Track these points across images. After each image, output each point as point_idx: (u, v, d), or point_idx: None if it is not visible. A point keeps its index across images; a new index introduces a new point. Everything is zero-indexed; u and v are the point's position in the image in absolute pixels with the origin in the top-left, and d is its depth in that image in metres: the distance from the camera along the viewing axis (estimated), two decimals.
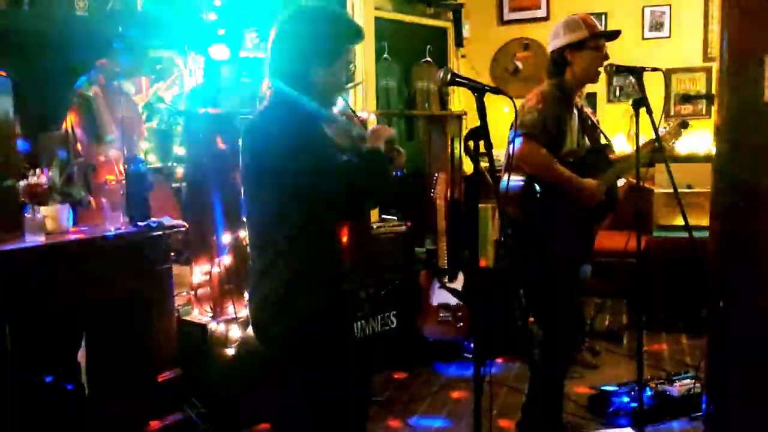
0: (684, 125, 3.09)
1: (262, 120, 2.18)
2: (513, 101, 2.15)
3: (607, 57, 2.97)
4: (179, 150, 5.36)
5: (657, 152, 2.97)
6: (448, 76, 2.13)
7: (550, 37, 3.03)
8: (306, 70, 2.12)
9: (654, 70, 2.91)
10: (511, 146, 2.87)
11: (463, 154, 5.15)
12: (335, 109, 2.37)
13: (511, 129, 2.89)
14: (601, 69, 2.98)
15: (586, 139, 3.12)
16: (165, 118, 5.62)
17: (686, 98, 3.91)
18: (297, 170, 2.02)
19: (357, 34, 2.22)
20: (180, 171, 5.04)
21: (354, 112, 2.42)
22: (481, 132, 2.06)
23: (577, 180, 2.92)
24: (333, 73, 2.15)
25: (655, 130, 2.85)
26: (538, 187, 2.92)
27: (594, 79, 3.00)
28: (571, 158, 2.96)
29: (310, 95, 2.14)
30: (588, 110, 3.23)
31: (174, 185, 4.99)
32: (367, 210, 2.90)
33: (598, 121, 3.26)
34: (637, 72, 2.87)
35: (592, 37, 2.92)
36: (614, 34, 3.01)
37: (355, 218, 2.32)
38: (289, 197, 2.08)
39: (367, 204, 2.42)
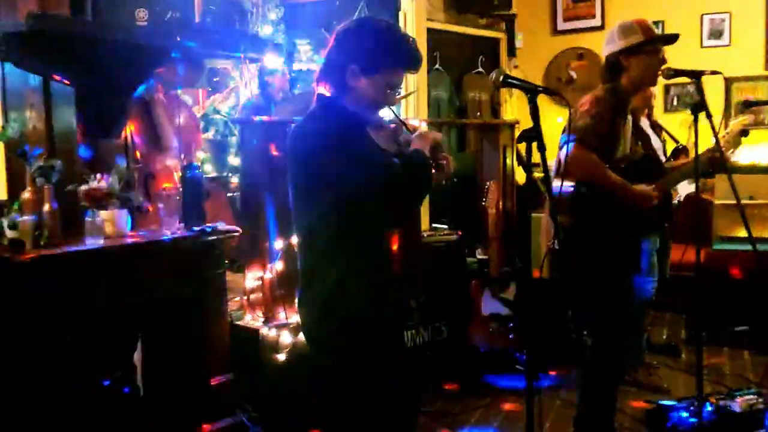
0: (744, 133, 3.00)
1: (307, 123, 2.19)
2: (567, 102, 2.12)
3: (664, 61, 2.91)
4: (234, 160, 5.48)
5: (716, 161, 2.89)
6: (501, 77, 2.12)
7: (604, 42, 2.98)
8: (343, 68, 2.11)
9: (713, 73, 2.85)
10: (563, 151, 2.83)
11: (515, 163, 5.11)
12: (385, 118, 2.38)
13: (563, 133, 2.86)
14: (660, 73, 2.92)
15: (640, 146, 3.06)
16: (221, 129, 5.75)
17: (748, 104, 3.81)
18: (338, 171, 2.03)
19: (410, 60, 2.17)
20: (235, 181, 5.15)
21: (403, 121, 2.41)
22: (534, 134, 2.05)
23: (629, 186, 2.86)
24: (372, 84, 2.12)
25: (715, 134, 2.78)
26: (587, 193, 2.87)
27: (652, 83, 2.94)
28: (623, 164, 2.91)
29: (348, 96, 2.14)
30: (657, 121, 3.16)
31: (229, 194, 5.10)
32: (410, 212, 2.87)
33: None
34: (696, 75, 2.81)
35: (648, 42, 2.86)
36: (671, 38, 2.94)
37: (398, 222, 2.32)
38: (331, 199, 2.09)
39: (409, 205, 2.38)
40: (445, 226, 4.50)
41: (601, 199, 2.87)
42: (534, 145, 2.09)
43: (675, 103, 6.17)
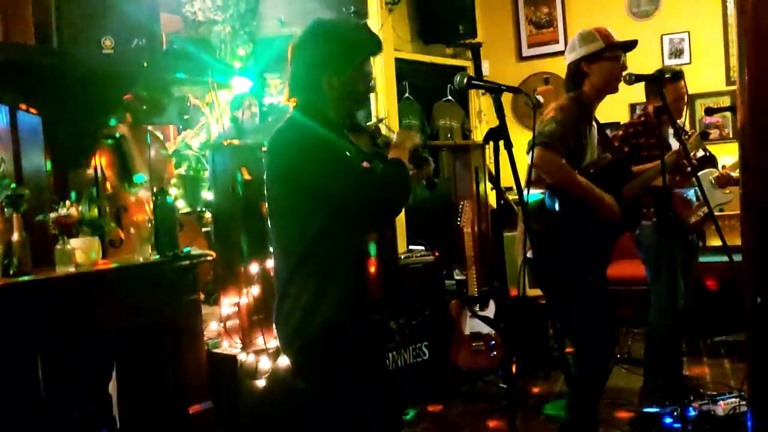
0: (704, 136, 3.07)
1: (280, 132, 2.20)
2: (529, 97, 2.17)
3: (625, 67, 2.98)
4: (207, 195, 5.44)
5: (683, 165, 2.95)
6: (465, 80, 2.15)
7: (566, 51, 3.05)
8: (318, 81, 2.13)
9: (674, 75, 2.91)
10: (530, 157, 2.86)
11: (488, 186, 5.14)
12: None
13: (530, 143, 2.90)
14: (622, 79, 2.98)
15: (607, 153, 3.10)
16: (193, 164, 5.73)
17: (710, 111, 3.91)
18: (313, 181, 2.04)
19: (374, 44, 2.21)
20: (208, 215, 5.11)
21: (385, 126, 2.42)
22: (500, 132, 2.07)
23: (596, 190, 2.89)
24: (347, 83, 2.15)
25: (680, 138, 2.83)
26: (557, 199, 2.89)
27: (613, 89, 2.99)
28: (592, 169, 2.94)
29: (327, 106, 2.16)
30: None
31: (204, 230, 5.05)
32: (389, 220, 2.87)
33: None
34: (657, 79, 2.87)
35: (608, 48, 2.93)
36: (630, 44, 3.01)
37: (377, 228, 2.30)
38: (306, 208, 2.09)
39: (387, 216, 2.38)
40: (422, 248, 4.50)
41: (571, 203, 2.90)
42: (502, 155, 2.10)
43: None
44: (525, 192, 2.81)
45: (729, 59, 5.93)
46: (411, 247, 4.64)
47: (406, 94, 5.85)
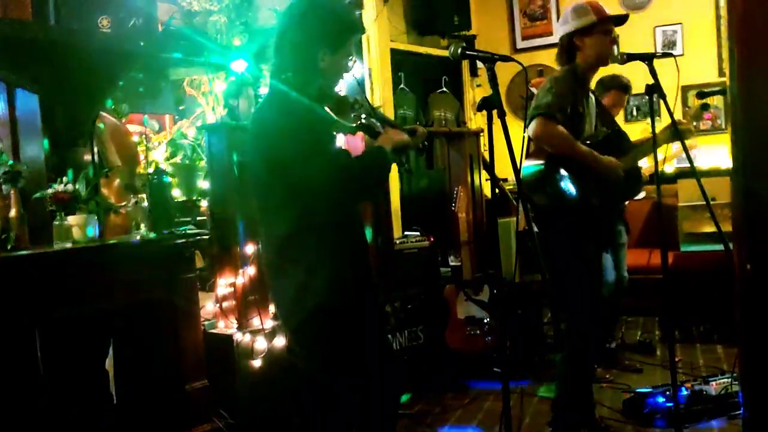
0: (705, 107, 3.11)
1: (262, 112, 2.24)
2: (523, 66, 2.20)
3: (614, 41, 3.02)
4: (203, 184, 5.45)
5: (676, 132, 2.98)
6: (459, 50, 2.18)
7: (558, 23, 3.09)
8: (314, 55, 2.15)
9: (665, 55, 2.95)
10: (529, 129, 2.88)
11: (483, 174, 5.17)
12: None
13: (527, 117, 2.93)
14: (614, 55, 3.02)
15: (604, 126, 3.14)
16: (188, 153, 5.74)
17: (702, 95, 3.95)
18: (292, 162, 2.05)
19: (359, 26, 2.28)
20: (204, 205, 5.12)
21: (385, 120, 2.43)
22: (494, 100, 2.10)
23: (597, 155, 2.93)
24: (336, 61, 2.19)
25: (670, 112, 2.86)
26: (562, 170, 2.92)
27: (604, 63, 3.03)
28: (590, 141, 2.98)
29: (315, 81, 2.18)
30: None
31: (198, 218, 5.06)
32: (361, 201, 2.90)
33: None
34: (648, 58, 2.91)
35: (601, 22, 2.97)
36: (622, 18, 3.06)
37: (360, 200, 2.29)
38: (285, 191, 2.11)
39: (360, 198, 2.41)
40: (418, 233, 4.52)
41: (573, 173, 2.93)
42: (496, 150, 2.13)
43: (635, 113, 6.33)
44: (525, 163, 2.85)
45: (721, 50, 5.98)
46: (406, 232, 4.67)
47: (402, 85, 5.88)
